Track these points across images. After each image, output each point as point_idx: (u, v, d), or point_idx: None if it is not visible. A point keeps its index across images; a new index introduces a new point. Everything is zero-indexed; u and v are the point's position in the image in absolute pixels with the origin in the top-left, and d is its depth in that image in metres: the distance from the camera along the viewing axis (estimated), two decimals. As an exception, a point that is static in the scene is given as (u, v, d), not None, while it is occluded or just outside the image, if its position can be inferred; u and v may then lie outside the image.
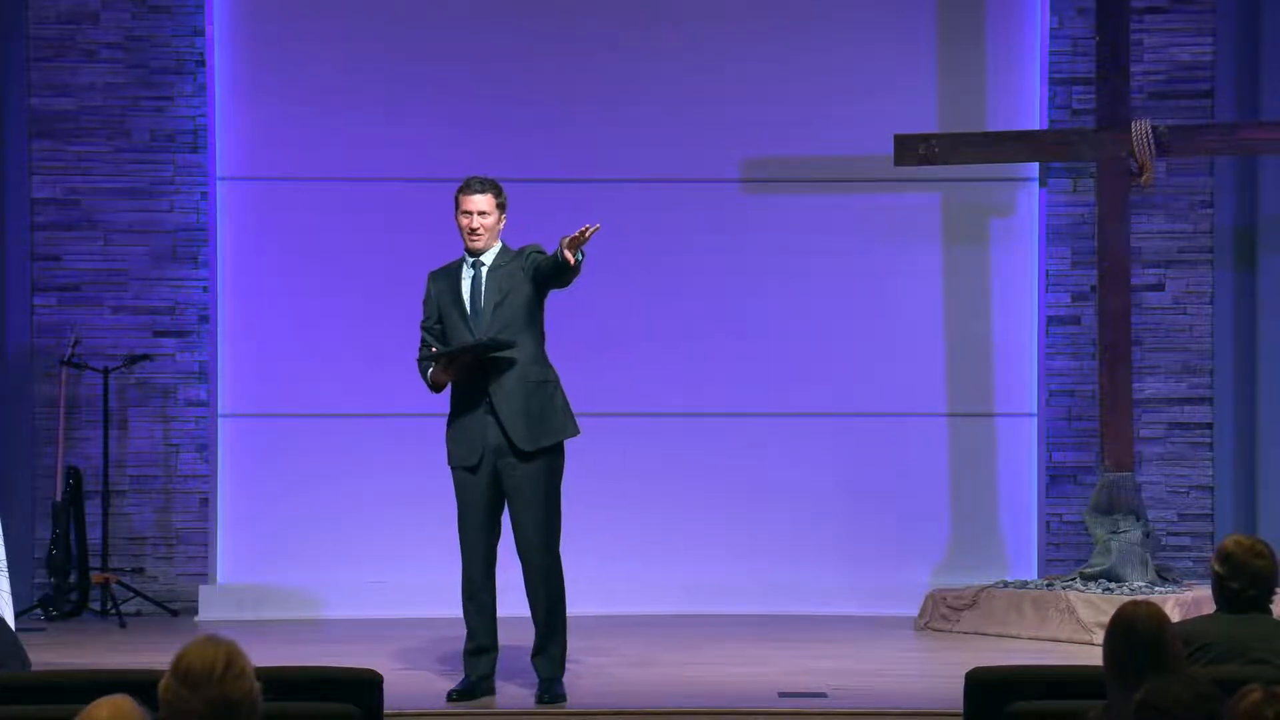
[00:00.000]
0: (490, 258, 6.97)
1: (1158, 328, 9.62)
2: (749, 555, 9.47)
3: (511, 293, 6.90)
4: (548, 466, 6.91)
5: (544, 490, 6.89)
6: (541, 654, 6.94)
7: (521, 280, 6.89)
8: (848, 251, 9.57)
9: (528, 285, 6.89)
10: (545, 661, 6.93)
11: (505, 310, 6.89)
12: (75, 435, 9.49)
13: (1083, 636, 8.20)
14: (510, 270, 6.93)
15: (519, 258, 6.95)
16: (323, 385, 9.47)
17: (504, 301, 6.90)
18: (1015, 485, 9.58)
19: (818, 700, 6.76)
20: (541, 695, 6.85)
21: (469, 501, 6.93)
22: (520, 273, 6.90)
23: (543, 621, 6.93)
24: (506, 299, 6.90)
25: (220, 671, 3.33)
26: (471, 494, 6.91)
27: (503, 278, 6.92)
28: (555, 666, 6.93)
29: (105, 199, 9.58)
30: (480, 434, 6.87)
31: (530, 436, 6.85)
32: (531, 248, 6.97)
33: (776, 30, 9.55)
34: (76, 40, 9.56)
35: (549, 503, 6.91)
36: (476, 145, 9.39)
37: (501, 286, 6.91)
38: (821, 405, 9.55)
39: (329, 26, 9.53)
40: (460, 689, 6.91)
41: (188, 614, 9.37)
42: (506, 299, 6.90)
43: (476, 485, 6.90)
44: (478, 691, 6.91)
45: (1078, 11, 9.51)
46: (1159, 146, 8.67)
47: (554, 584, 6.95)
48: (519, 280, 6.90)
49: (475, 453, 6.88)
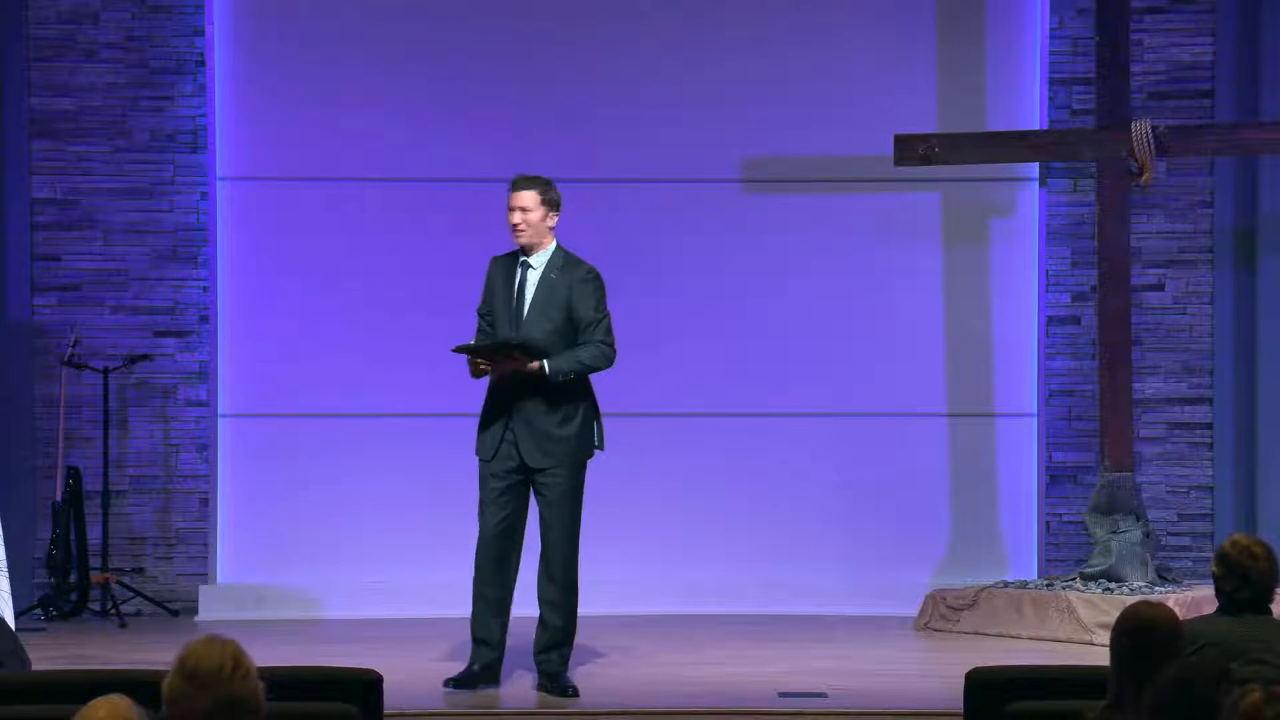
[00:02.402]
0: (541, 261, 7.01)
1: (1158, 328, 9.62)
2: (749, 555, 9.47)
3: (550, 305, 6.94)
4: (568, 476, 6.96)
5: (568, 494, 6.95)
6: (551, 650, 7.01)
7: (564, 300, 6.94)
8: (848, 251, 9.57)
9: (567, 306, 6.94)
10: (552, 658, 6.99)
11: (543, 323, 6.93)
12: (75, 435, 9.49)
13: (1083, 636, 8.20)
14: (558, 285, 6.96)
15: (571, 274, 6.97)
16: (323, 385, 9.47)
17: (543, 315, 6.94)
18: (1015, 485, 9.58)
19: (818, 700, 6.76)
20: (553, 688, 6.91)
21: (484, 493, 7.00)
22: (566, 292, 6.94)
23: (559, 628, 6.99)
24: (544, 313, 6.94)
25: (228, 670, 3.34)
26: (485, 486, 6.99)
27: (550, 290, 6.96)
28: (563, 663, 7.00)
29: (105, 199, 9.58)
30: (499, 435, 6.94)
31: (540, 454, 6.92)
32: (584, 273, 6.97)
33: (776, 30, 9.54)
34: (76, 40, 9.56)
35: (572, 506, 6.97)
36: (477, 145, 9.40)
37: (548, 299, 6.95)
38: (821, 405, 9.55)
39: (329, 26, 9.52)
40: (456, 676, 6.99)
41: (188, 614, 9.37)
42: (544, 313, 6.94)
43: (492, 480, 6.96)
44: (475, 681, 6.96)
45: (1078, 11, 9.51)
46: (1159, 146, 8.67)
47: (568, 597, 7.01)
48: (561, 299, 6.94)
49: (491, 448, 6.95)
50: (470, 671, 7.00)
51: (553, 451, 6.91)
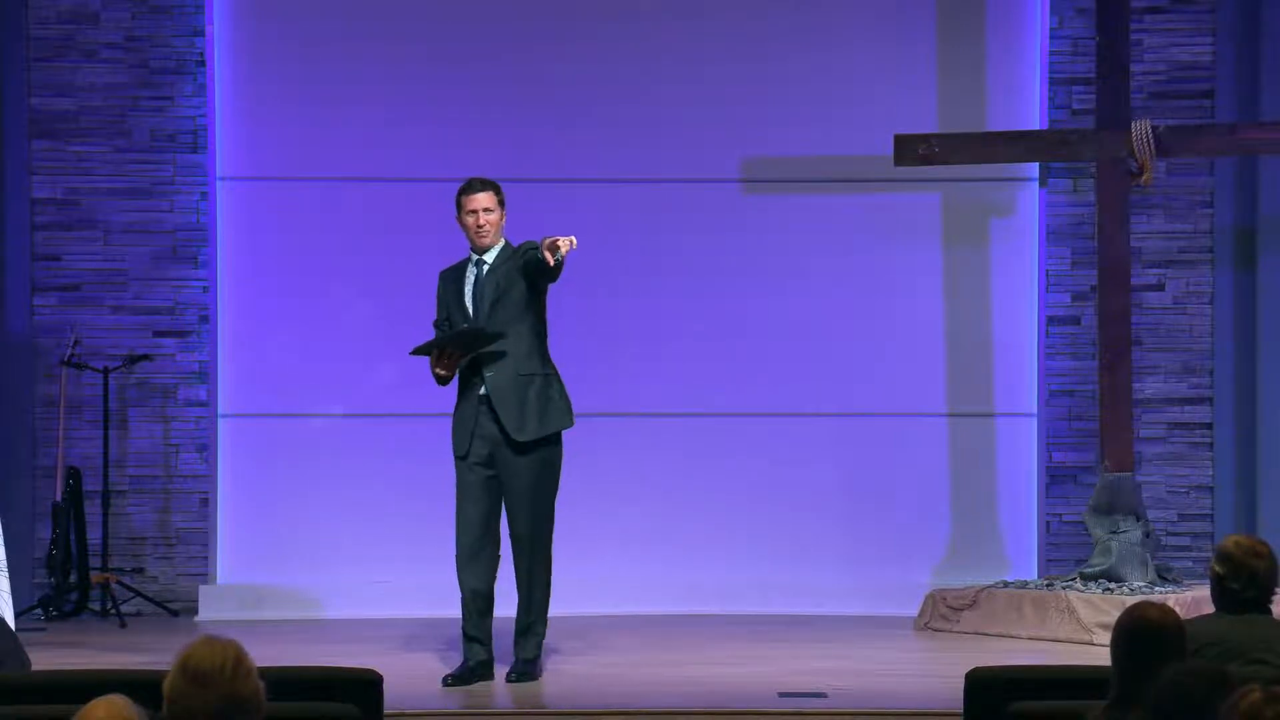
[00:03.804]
0: (493, 256, 7.24)
1: (1158, 328, 9.62)
2: (749, 555, 9.47)
3: (508, 290, 7.15)
4: (543, 458, 7.17)
5: (537, 480, 7.15)
6: (525, 635, 7.21)
7: (517, 277, 7.14)
8: (848, 251, 9.57)
9: (522, 281, 7.14)
10: (527, 642, 7.19)
11: (502, 309, 7.14)
12: (75, 435, 9.49)
13: (1083, 636, 8.20)
14: (508, 269, 7.18)
15: (516, 255, 7.20)
16: (323, 385, 9.47)
17: (500, 300, 7.15)
18: (1015, 485, 9.58)
19: (818, 700, 6.75)
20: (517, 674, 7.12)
21: (460, 490, 7.21)
22: (516, 271, 7.15)
23: (525, 608, 7.20)
24: (503, 297, 7.15)
25: (230, 669, 3.35)
26: (462, 483, 7.20)
27: (501, 276, 7.18)
28: (536, 648, 7.20)
29: (105, 199, 9.58)
30: (473, 425, 7.14)
31: (523, 427, 7.10)
32: (527, 245, 7.17)
33: (776, 30, 9.54)
34: (76, 40, 9.56)
35: (540, 493, 7.17)
36: (477, 145, 9.39)
37: (500, 285, 7.17)
38: (821, 405, 9.55)
39: (329, 26, 9.52)
40: (454, 673, 7.15)
41: (188, 614, 9.37)
42: (503, 297, 7.15)
43: (467, 475, 7.17)
44: (471, 677, 7.12)
45: (1078, 11, 9.51)
46: (1159, 146, 8.67)
47: (539, 571, 7.19)
48: (515, 278, 7.15)
49: (465, 443, 7.16)
50: (467, 668, 7.16)
51: (537, 426, 7.11)
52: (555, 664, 7.54)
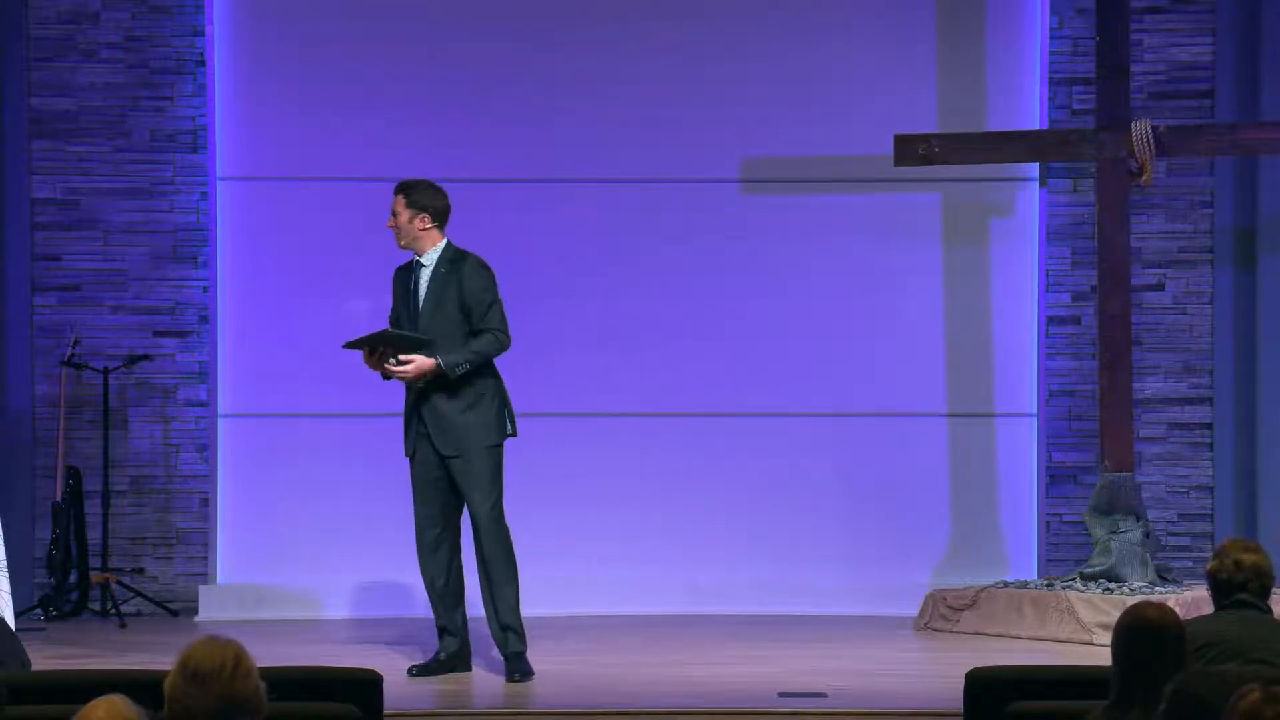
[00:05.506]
0: (431, 259, 7.34)
1: (1158, 328, 9.62)
2: (749, 555, 9.47)
3: (444, 303, 7.26)
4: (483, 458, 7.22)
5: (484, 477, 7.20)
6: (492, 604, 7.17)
7: (456, 294, 7.24)
8: (848, 251, 9.57)
9: (459, 301, 7.24)
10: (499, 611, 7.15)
11: (439, 319, 7.24)
12: (75, 435, 9.49)
13: (1083, 636, 8.20)
14: (449, 280, 7.27)
15: (459, 267, 7.27)
16: (323, 385, 9.46)
17: (438, 310, 7.25)
18: (1015, 485, 9.57)
19: (818, 700, 6.75)
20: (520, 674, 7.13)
21: (413, 487, 7.37)
22: (457, 286, 7.24)
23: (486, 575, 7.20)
24: (440, 308, 7.25)
25: (230, 670, 3.35)
26: (414, 481, 7.36)
27: (439, 286, 7.28)
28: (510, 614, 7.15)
29: (105, 199, 9.58)
30: (414, 428, 7.33)
31: (447, 442, 7.23)
32: (472, 264, 7.26)
33: (776, 30, 9.54)
34: (76, 40, 9.56)
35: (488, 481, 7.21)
36: (477, 145, 9.40)
37: (437, 294, 7.28)
38: (821, 405, 9.55)
39: (329, 26, 9.52)
40: (421, 664, 7.29)
41: (188, 614, 9.36)
42: (440, 308, 7.25)
43: (417, 473, 7.34)
44: (440, 669, 7.23)
45: (1077, 11, 9.51)
46: (1159, 146, 8.67)
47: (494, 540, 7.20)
48: (453, 293, 7.25)
49: (410, 443, 7.34)
50: (436, 659, 7.28)
51: (462, 439, 7.20)
52: (555, 664, 7.54)
